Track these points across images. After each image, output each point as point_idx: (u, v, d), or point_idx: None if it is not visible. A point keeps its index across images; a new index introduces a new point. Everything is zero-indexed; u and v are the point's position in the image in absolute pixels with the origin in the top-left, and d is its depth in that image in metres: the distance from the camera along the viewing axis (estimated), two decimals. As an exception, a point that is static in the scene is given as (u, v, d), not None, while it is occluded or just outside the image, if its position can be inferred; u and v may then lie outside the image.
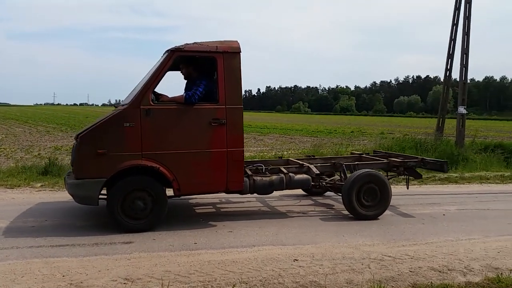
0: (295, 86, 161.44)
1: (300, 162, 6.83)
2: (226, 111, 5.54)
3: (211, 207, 6.94)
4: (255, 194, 6.26)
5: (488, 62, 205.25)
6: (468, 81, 13.15)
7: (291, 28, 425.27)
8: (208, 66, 5.86)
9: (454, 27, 12.80)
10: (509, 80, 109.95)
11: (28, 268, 4.10)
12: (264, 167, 6.43)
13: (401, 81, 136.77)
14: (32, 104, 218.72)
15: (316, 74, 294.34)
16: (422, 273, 4.16)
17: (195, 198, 7.31)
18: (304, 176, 6.36)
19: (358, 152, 8.62)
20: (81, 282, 3.79)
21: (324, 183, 6.87)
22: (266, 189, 6.11)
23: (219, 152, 5.55)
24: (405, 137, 14.86)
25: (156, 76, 5.40)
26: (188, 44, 5.60)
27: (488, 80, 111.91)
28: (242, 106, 5.68)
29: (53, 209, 6.46)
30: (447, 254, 4.72)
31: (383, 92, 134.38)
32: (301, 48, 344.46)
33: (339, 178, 6.91)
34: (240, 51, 5.64)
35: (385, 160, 7.23)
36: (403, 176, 7.57)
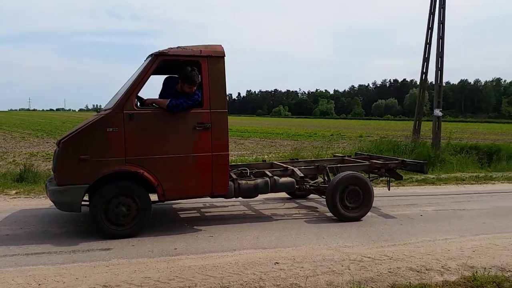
0: (275, 90, 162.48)
1: (284, 165, 6.87)
2: (211, 115, 5.52)
3: (195, 211, 6.89)
4: (239, 198, 6.25)
5: (463, 66, 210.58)
6: (444, 84, 13.47)
7: (270, 32, 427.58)
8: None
9: (429, 31, 13.11)
10: (483, 83, 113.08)
11: (2, 277, 3.98)
12: (248, 171, 6.43)
13: (378, 85, 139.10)
14: (7, 110, 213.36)
15: (296, 78, 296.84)
16: (401, 273, 4.22)
17: (179, 203, 7.24)
18: (289, 179, 6.38)
19: (340, 155, 8.71)
20: (58, 291, 3.70)
21: (308, 185, 6.91)
22: (251, 192, 6.10)
23: (204, 157, 5.51)
24: (383, 139, 15.09)
25: (140, 80, 5.34)
26: (172, 48, 5.56)
27: (463, 83, 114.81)
28: (226, 110, 5.66)
29: (28, 217, 6.30)
30: (424, 254, 4.80)
31: (361, 95, 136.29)
32: (280, 52, 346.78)
33: (322, 180, 6.97)
34: (224, 55, 5.63)
35: (367, 162, 7.33)
36: (384, 178, 7.68)
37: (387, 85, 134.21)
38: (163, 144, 5.36)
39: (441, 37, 12.70)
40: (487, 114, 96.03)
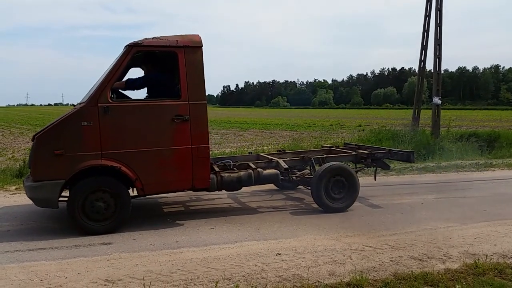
0: (274, 81, 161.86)
1: (269, 157, 6.77)
2: (189, 107, 5.40)
3: (180, 205, 6.88)
4: (239, 191, 6.21)
5: (461, 53, 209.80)
6: (442, 72, 13.39)
7: (267, 24, 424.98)
8: (170, 61, 5.73)
9: (427, 19, 12.99)
10: (481, 70, 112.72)
11: (4, 273, 3.98)
12: (232, 163, 6.33)
13: (377, 74, 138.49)
14: (4, 106, 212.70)
15: (294, 68, 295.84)
16: (403, 262, 4.22)
17: (163, 197, 7.21)
18: (273, 171, 6.28)
19: (328, 145, 8.60)
20: (60, 286, 3.70)
21: (294, 177, 6.83)
22: (234, 185, 6.03)
23: (184, 149, 5.42)
24: (382, 128, 15.06)
25: (114, 72, 5.23)
26: (147, 39, 5.45)
27: (461, 71, 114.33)
28: (206, 102, 5.55)
29: (29, 212, 6.29)
30: (426, 242, 4.81)
31: (360, 85, 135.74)
32: (278, 43, 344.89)
33: (309, 171, 6.92)
34: (202, 45, 5.49)
35: (353, 152, 7.23)
36: (371, 168, 7.58)
37: (386, 74, 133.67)
38: (141, 138, 5.26)
39: (438, 25, 12.59)
40: (486, 101, 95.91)
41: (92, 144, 5.07)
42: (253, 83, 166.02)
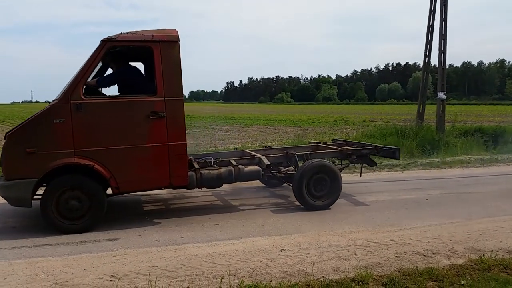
0: (277, 76, 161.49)
1: (252, 154, 6.65)
2: (166, 103, 5.29)
3: (185, 201, 6.90)
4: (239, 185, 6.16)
5: (466, 48, 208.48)
6: (447, 67, 13.33)
7: (270, 20, 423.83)
8: (145, 56, 5.65)
9: (432, 13, 12.91)
10: (486, 65, 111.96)
11: (11, 269, 4.01)
12: (213, 160, 6.24)
13: (381, 69, 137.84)
14: (9, 103, 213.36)
15: (298, 64, 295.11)
16: (408, 257, 4.22)
17: (169, 193, 7.24)
18: (255, 167, 6.16)
19: (316, 141, 8.45)
20: (67, 281, 3.73)
21: (277, 174, 6.68)
22: (214, 182, 5.92)
23: (160, 147, 5.31)
24: (387, 124, 15.02)
25: (87, 68, 5.09)
26: (122, 33, 5.35)
27: (466, 66, 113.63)
28: (182, 98, 5.42)
29: (35, 209, 6.31)
30: (431, 238, 4.80)
31: (364, 80, 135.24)
32: (281, 38, 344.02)
33: (292, 168, 6.75)
34: (179, 40, 5.37)
35: (339, 149, 7.09)
36: (357, 164, 7.41)
37: (390, 69, 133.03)
38: (115, 135, 5.16)
39: (443, 19, 12.52)
40: (491, 96, 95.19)
41: (64, 142, 4.97)
42: (256, 79, 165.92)
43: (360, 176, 7.48)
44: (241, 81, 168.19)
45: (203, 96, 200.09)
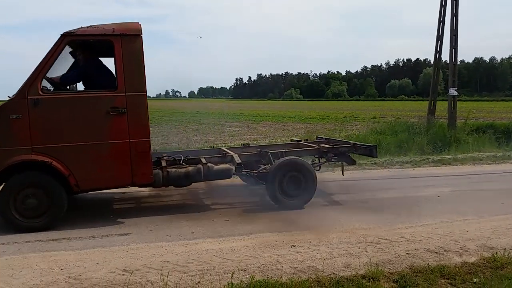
0: (286, 73, 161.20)
1: (225, 151, 6.53)
2: (127, 99, 5.17)
3: (191, 198, 6.94)
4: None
5: (477, 44, 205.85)
6: (458, 63, 13.19)
7: (278, 15, 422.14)
8: (106, 50, 5.59)
9: (442, 8, 12.76)
10: (498, 61, 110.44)
11: (26, 262, 4.09)
12: (182, 158, 6.07)
13: (391, 65, 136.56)
14: None
15: (307, 60, 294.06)
16: (419, 255, 4.20)
17: (178, 189, 7.25)
18: (225, 166, 6.00)
19: (297, 139, 8.29)
20: (80, 275, 3.78)
21: (250, 172, 6.41)
22: (181, 180, 5.79)
23: (120, 144, 5.20)
24: (397, 120, 14.91)
25: (45, 63, 4.99)
26: (82, 27, 5.25)
27: (478, 61, 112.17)
28: (145, 93, 5.29)
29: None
30: (442, 235, 4.77)
31: (374, 76, 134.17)
32: (291, 34, 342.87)
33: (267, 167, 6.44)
34: (141, 33, 5.26)
35: (316, 146, 6.90)
36: (336, 162, 7.15)
37: (400, 65, 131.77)
38: (73, 131, 5.06)
39: (454, 15, 12.36)
40: (504, 92, 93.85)
41: (22, 138, 4.89)
42: (265, 75, 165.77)
43: (343, 175, 7.16)
44: (250, 77, 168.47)
45: (212, 93, 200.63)
